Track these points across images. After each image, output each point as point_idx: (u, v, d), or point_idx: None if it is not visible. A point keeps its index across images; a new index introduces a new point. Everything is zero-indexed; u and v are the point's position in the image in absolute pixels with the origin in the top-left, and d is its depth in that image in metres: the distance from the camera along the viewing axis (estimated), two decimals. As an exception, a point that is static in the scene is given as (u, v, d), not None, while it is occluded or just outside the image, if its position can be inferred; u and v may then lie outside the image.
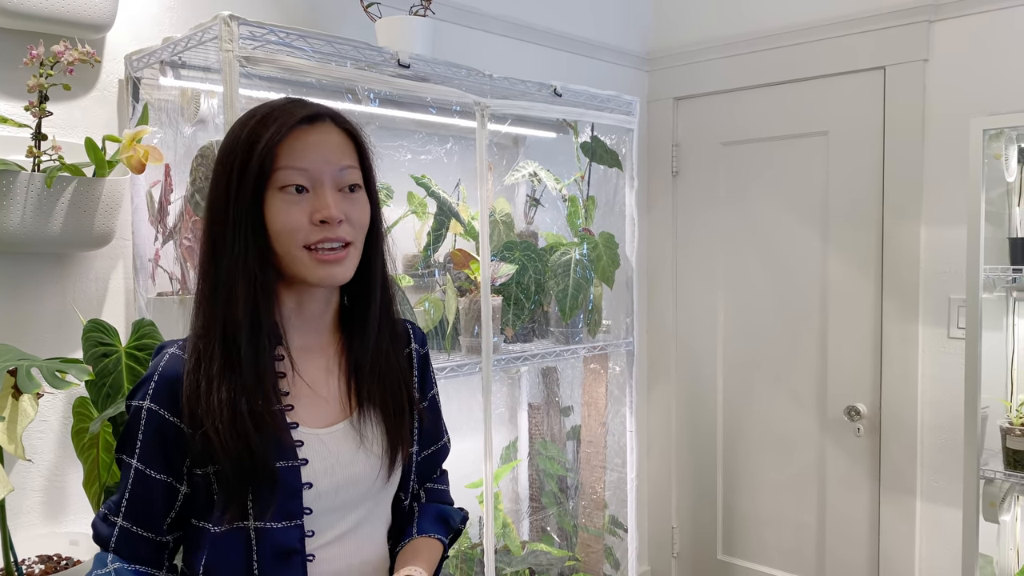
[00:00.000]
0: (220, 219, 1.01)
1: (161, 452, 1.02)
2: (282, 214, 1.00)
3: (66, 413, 1.65)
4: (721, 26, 2.81)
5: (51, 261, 1.64)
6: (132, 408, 1.03)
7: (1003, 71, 2.25)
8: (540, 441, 2.46)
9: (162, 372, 1.02)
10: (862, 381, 2.55)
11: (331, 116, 1.06)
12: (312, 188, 1.01)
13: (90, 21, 1.57)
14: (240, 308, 1.00)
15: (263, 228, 1.00)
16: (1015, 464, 2.03)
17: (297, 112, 1.03)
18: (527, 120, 2.25)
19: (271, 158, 0.99)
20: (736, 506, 2.89)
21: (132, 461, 1.02)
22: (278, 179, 1.00)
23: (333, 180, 1.02)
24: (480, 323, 1.94)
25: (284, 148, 1.00)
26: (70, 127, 1.66)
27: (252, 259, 1.00)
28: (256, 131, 1.01)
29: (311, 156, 1.01)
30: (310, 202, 1.01)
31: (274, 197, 1.00)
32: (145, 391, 1.02)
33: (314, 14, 2.03)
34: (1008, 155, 2.12)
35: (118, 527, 1.03)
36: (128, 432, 1.04)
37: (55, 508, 1.65)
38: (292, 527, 1.03)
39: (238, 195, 1.00)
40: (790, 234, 2.70)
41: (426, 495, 1.27)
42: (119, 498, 1.04)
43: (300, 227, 1.00)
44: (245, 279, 1.00)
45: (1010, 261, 2.08)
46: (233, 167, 1.00)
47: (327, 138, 1.03)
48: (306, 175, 1.01)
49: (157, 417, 1.01)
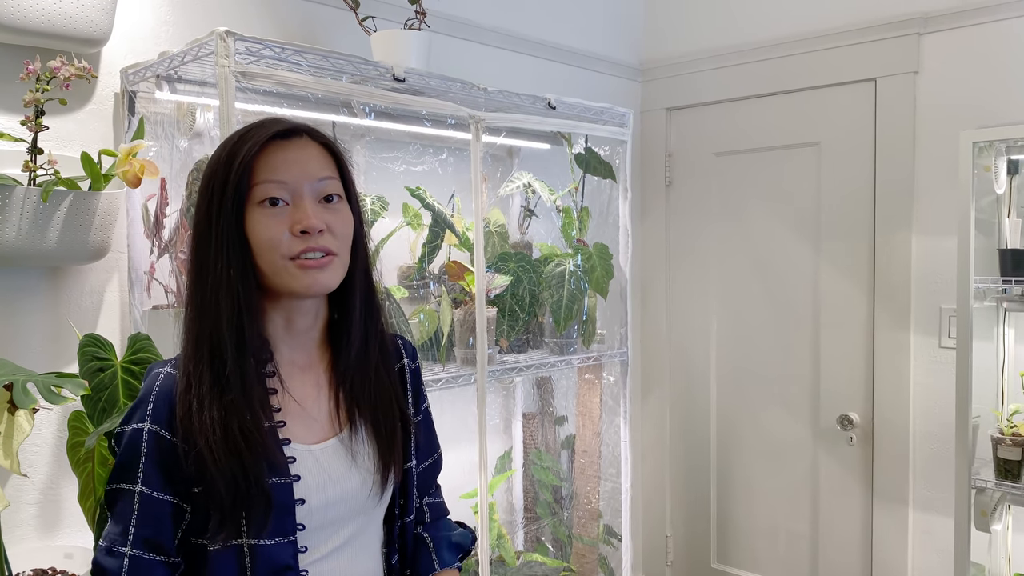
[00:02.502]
0: (203, 239, 1.02)
1: (165, 473, 1.01)
2: (262, 227, 1.00)
3: (61, 427, 1.65)
4: (714, 37, 2.83)
5: (46, 275, 1.64)
6: (130, 432, 1.02)
7: (992, 83, 2.27)
8: (535, 451, 2.47)
9: (159, 392, 1.02)
10: (854, 390, 2.57)
11: (307, 131, 1.07)
12: (291, 201, 1.02)
13: (86, 36, 1.58)
14: (224, 326, 1.00)
15: (246, 244, 1.01)
16: (1006, 474, 2.04)
17: (272, 127, 1.04)
18: (521, 132, 2.26)
19: (248, 173, 1.01)
20: (730, 515, 2.90)
21: (135, 487, 1.00)
22: (257, 194, 1.01)
23: (312, 191, 1.03)
24: (475, 334, 1.95)
25: (261, 163, 1.01)
26: (66, 141, 1.66)
27: (235, 276, 1.01)
28: (234, 150, 1.02)
29: (288, 169, 1.02)
30: (290, 214, 1.01)
31: (254, 212, 1.01)
32: (143, 413, 1.02)
33: (310, 28, 2.04)
34: (997, 167, 2.14)
35: (127, 557, 0.99)
36: (127, 458, 1.01)
37: (50, 522, 1.65)
38: (286, 543, 1.03)
39: (219, 213, 1.00)
40: (782, 244, 2.72)
41: (430, 511, 1.29)
42: (122, 528, 1.00)
43: (281, 239, 1.00)
44: (228, 296, 1.01)
45: (1000, 272, 2.09)
46: (213, 186, 1.02)
47: (304, 151, 1.05)
48: (284, 188, 1.02)
49: (159, 438, 1.01)
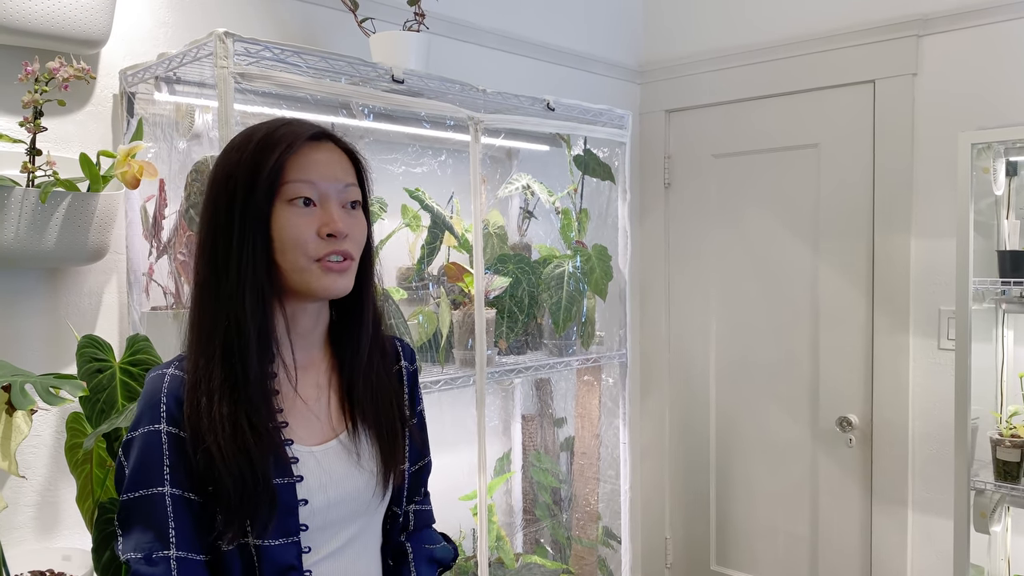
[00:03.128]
0: (223, 233, 1.01)
1: (188, 472, 0.99)
2: (291, 226, 1.01)
3: (59, 428, 1.64)
4: (712, 39, 2.83)
5: (45, 276, 1.64)
6: (144, 436, 1.00)
7: (991, 85, 2.27)
8: (534, 453, 2.47)
9: (168, 393, 1.01)
10: (854, 392, 2.57)
11: (331, 136, 1.09)
12: (319, 203, 1.03)
13: (85, 37, 1.58)
14: (248, 322, 1.00)
15: (270, 242, 1.01)
16: (1005, 475, 2.04)
17: (305, 128, 1.05)
18: (520, 134, 2.26)
19: (280, 171, 1.01)
20: (729, 517, 2.90)
21: (164, 489, 0.98)
22: (287, 192, 1.01)
23: (338, 196, 1.05)
24: (474, 336, 1.95)
25: (293, 163, 1.02)
26: (65, 142, 1.66)
27: (260, 272, 1.01)
28: (264, 146, 1.02)
29: (319, 171, 1.03)
30: (318, 216, 1.02)
31: (282, 209, 1.01)
32: (157, 415, 1.00)
33: (309, 29, 2.04)
34: (996, 168, 2.14)
35: (174, 560, 0.97)
36: (147, 463, 0.99)
37: (48, 524, 1.65)
38: (290, 544, 1.03)
39: (245, 208, 1.00)
40: (781, 245, 2.72)
41: (414, 519, 1.26)
42: (156, 533, 0.98)
43: (309, 239, 1.01)
44: (253, 292, 1.00)
45: (999, 273, 2.09)
46: (237, 182, 1.01)
47: (332, 156, 1.06)
48: (314, 189, 1.02)
49: (177, 439, 1.00)
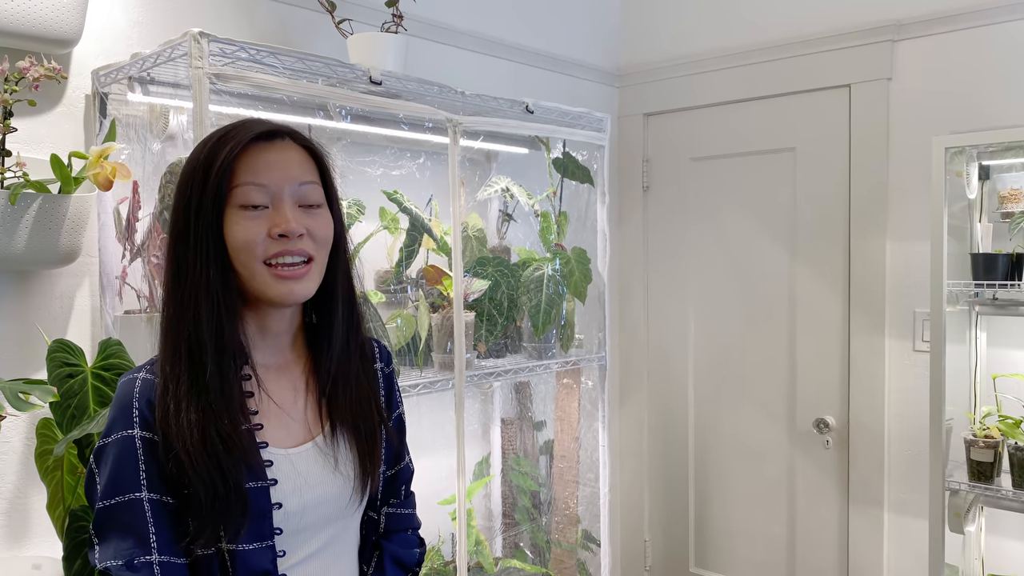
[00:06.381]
0: (182, 240, 1.01)
1: (163, 476, 0.99)
2: (240, 229, 0.99)
3: (29, 435, 1.61)
4: (690, 43, 2.85)
5: (14, 279, 1.61)
6: (118, 442, 0.99)
7: (964, 90, 2.30)
8: (513, 457, 2.46)
9: (139, 396, 1.00)
10: (830, 394, 2.59)
11: (289, 133, 1.05)
12: (272, 204, 1.01)
13: (56, 36, 1.55)
14: (204, 328, 0.99)
15: (223, 247, 1.00)
16: (979, 476, 2.06)
17: (254, 128, 1.03)
18: (499, 136, 2.25)
19: (228, 175, 0.99)
20: (708, 519, 2.91)
21: (142, 494, 0.97)
22: (237, 196, 0.99)
23: (293, 195, 1.02)
24: (453, 339, 1.94)
25: (242, 165, 1.00)
26: (35, 143, 1.63)
27: (215, 279, 0.99)
28: (214, 150, 1.00)
29: (270, 173, 1.01)
30: (269, 217, 1.00)
31: (233, 214, 1.00)
32: (130, 419, 0.99)
33: (285, 30, 2.02)
34: (969, 172, 2.17)
35: (157, 565, 0.96)
36: (122, 468, 0.98)
37: (18, 532, 1.61)
38: (264, 548, 1.02)
39: (198, 215, 0.99)
40: (759, 248, 2.73)
41: (387, 521, 1.23)
42: (136, 538, 0.96)
43: (258, 241, 0.99)
44: (208, 299, 0.99)
45: (972, 276, 2.12)
46: (192, 187, 1.00)
47: (286, 154, 1.03)
48: (265, 191, 1.00)
49: (151, 443, 0.99)
